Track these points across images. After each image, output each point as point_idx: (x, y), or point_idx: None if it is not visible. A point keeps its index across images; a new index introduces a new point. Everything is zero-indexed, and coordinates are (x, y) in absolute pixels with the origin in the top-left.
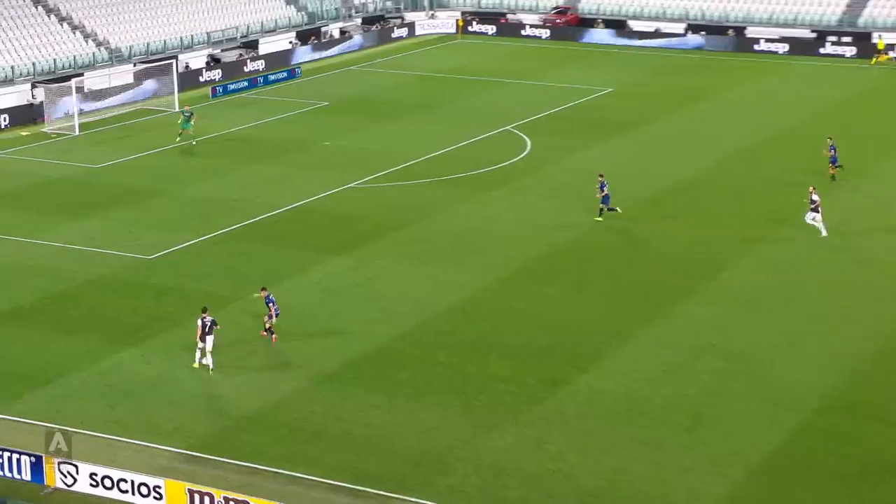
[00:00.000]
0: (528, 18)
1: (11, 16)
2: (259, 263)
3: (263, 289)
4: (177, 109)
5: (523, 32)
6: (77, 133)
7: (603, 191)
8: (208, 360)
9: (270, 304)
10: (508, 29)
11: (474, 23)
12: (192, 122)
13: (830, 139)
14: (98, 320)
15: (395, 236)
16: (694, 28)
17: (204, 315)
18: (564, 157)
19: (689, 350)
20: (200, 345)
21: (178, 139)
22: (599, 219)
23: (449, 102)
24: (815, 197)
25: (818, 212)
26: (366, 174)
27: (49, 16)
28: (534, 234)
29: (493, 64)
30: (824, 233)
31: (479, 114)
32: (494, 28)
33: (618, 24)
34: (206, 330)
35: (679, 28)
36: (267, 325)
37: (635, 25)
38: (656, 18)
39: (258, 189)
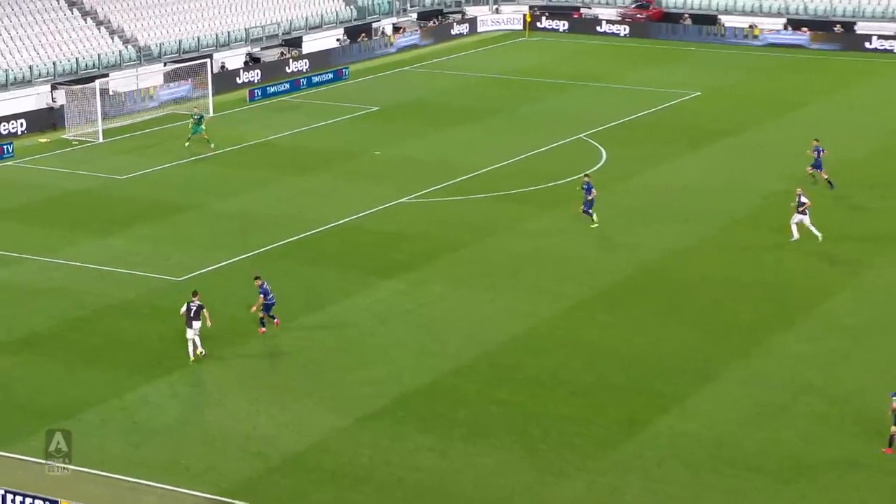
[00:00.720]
0: (605, 13)
1: (31, 10)
2: (300, 286)
3: (257, 277)
4: (211, 114)
5: (599, 29)
6: (100, 140)
7: (589, 195)
8: (198, 346)
9: (261, 296)
10: (582, 25)
11: (543, 18)
12: (203, 126)
13: (816, 141)
14: (121, 349)
15: (452, 258)
16: (795, 24)
17: (193, 299)
18: (644, 169)
19: (785, 389)
20: (189, 333)
21: (186, 144)
22: (595, 224)
23: (514, 107)
24: (803, 199)
25: (805, 214)
26: (419, 187)
27: (71, 10)
28: (608, 256)
29: (564, 64)
30: (818, 235)
31: (547, 120)
32: (566, 24)
33: (707, 20)
34: (193, 315)
35: (778, 24)
36: (259, 314)
37: (727, 21)
38: (751, 13)
39: (300, 203)
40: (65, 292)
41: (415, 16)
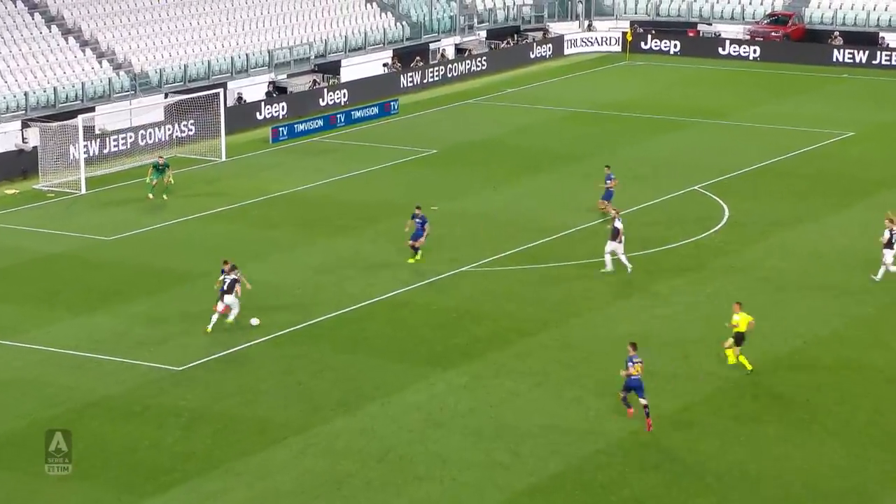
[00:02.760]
0: (730, 30)
1: None
2: (332, 379)
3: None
4: (224, 158)
5: (722, 51)
6: (83, 191)
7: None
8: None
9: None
10: (700, 46)
11: (649, 37)
12: (166, 174)
13: (608, 168)
14: (105, 459)
15: (527, 343)
16: None
17: (225, 269)
18: (779, 231)
19: None
20: (220, 306)
21: (149, 196)
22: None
23: (609, 151)
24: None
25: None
26: (487, 252)
27: (49, 27)
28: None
29: (675, 96)
30: None
31: (653, 167)
32: (679, 44)
33: (864, 39)
34: (226, 288)
35: None
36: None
37: (892, 40)
38: None
39: (335, 273)
40: (33, 385)
41: (483, 34)
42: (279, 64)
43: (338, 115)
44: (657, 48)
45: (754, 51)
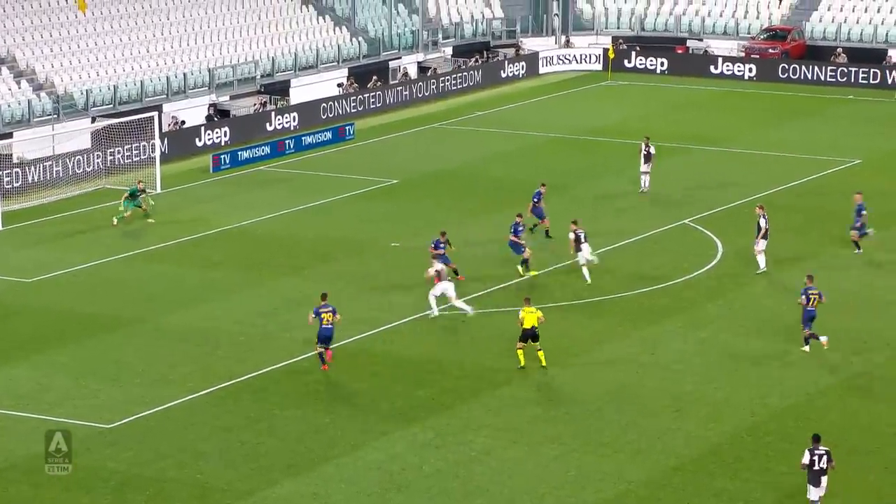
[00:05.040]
0: (722, 47)
1: None
2: (281, 438)
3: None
4: (158, 190)
5: (713, 69)
6: (0, 227)
7: (517, 235)
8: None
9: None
10: (689, 63)
11: (633, 54)
12: (140, 200)
13: (543, 185)
14: None
15: (500, 395)
16: None
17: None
18: (779, 269)
19: None
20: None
21: (114, 222)
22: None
23: (589, 181)
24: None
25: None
26: (464, 293)
27: None
28: (732, 395)
29: (662, 120)
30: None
31: (639, 199)
32: (666, 62)
33: (870, 56)
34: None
35: None
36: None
37: None
38: None
39: (281, 317)
40: None
41: (449, 51)
42: (221, 84)
43: (287, 141)
44: (642, 66)
45: (749, 69)
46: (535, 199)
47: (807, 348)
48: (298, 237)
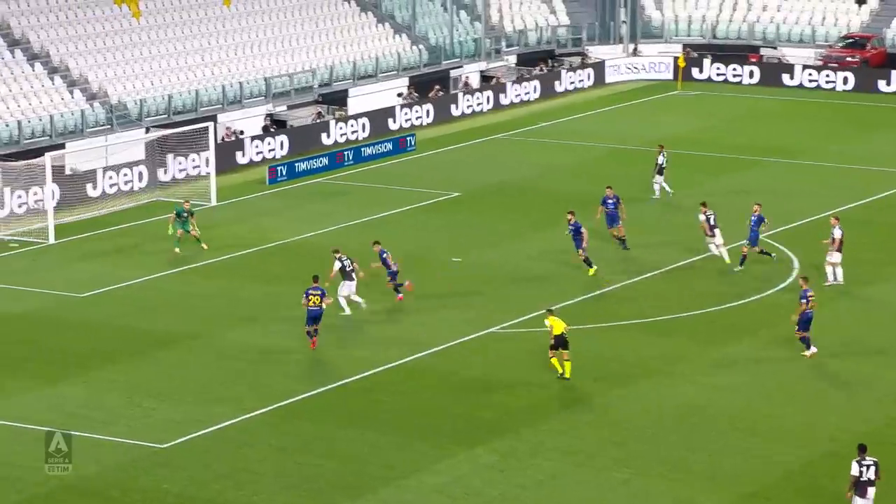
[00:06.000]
0: (798, 55)
1: None
2: (339, 460)
3: (376, 242)
4: (213, 203)
5: (790, 79)
6: (51, 241)
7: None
8: (358, 299)
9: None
10: (765, 73)
11: (705, 63)
12: (192, 224)
13: (609, 188)
14: None
15: (565, 417)
16: None
17: (337, 255)
18: (860, 287)
19: None
20: (344, 292)
21: (176, 250)
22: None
23: (659, 193)
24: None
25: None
26: (518, 311)
27: (12, 51)
28: (810, 418)
29: (736, 131)
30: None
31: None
32: (740, 71)
33: None
34: (346, 275)
35: None
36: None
37: None
38: None
39: (339, 334)
40: None
41: (513, 59)
42: (278, 94)
43: (345, 153)
44: (715, 76)
45: (827, 78)
46: (608, 205)
47: (810, 352)
48: (357, 252)
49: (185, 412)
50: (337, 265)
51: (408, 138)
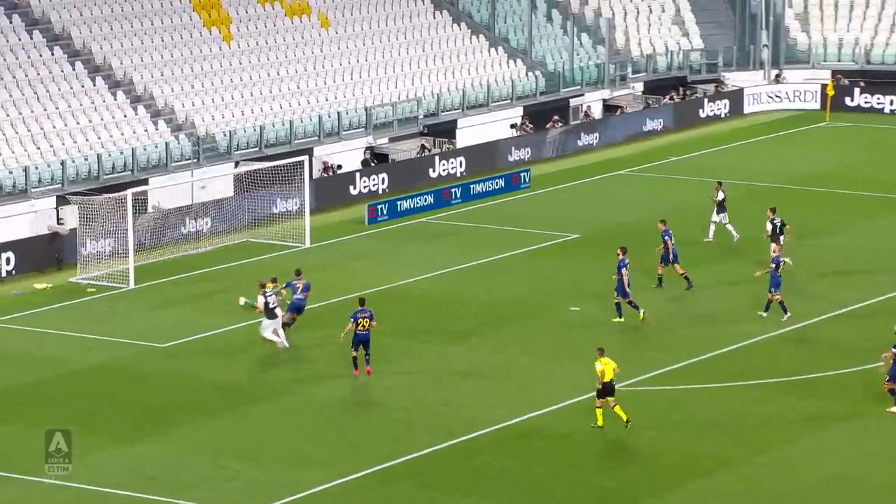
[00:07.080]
0: None
1: (26, 78)
2: None
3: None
4: (308, 244)
5: None
6: (131, 286)
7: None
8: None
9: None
10: None
11: (857, 91)
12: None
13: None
14: None
15: (698, 487)
16: None
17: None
18: None
19: None
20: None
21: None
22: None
23: (809, 237)
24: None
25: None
26: (644, 366)
27: (93, 79)
28: None
29: (891, 167)
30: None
31: (864, 259)
32: None
33: None
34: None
35: None
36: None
37: None
38: None
39: (445, 390)
40: None
41: (640, 87)
42: (379, 125)
43: (452, 190)
44: (867, 105)
45: None
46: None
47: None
48: (465, 298)
49: (274, 475)
50: (261, 300)
51: (521, 174)
